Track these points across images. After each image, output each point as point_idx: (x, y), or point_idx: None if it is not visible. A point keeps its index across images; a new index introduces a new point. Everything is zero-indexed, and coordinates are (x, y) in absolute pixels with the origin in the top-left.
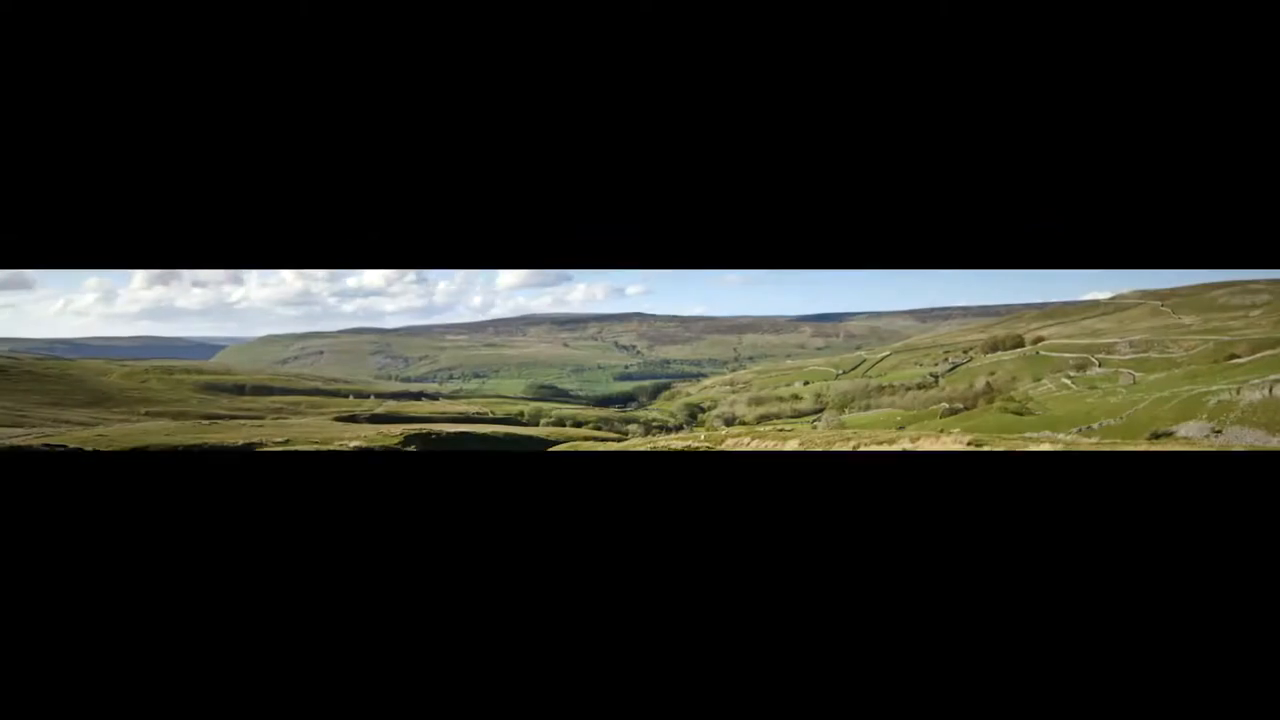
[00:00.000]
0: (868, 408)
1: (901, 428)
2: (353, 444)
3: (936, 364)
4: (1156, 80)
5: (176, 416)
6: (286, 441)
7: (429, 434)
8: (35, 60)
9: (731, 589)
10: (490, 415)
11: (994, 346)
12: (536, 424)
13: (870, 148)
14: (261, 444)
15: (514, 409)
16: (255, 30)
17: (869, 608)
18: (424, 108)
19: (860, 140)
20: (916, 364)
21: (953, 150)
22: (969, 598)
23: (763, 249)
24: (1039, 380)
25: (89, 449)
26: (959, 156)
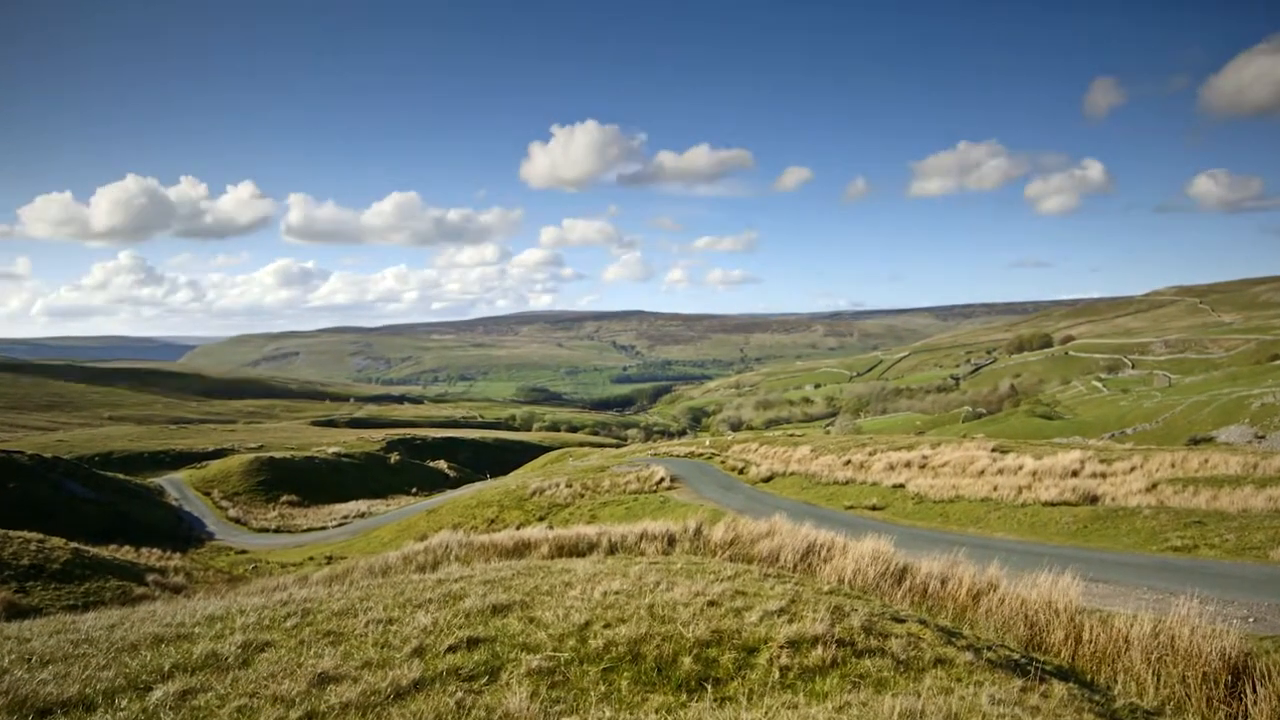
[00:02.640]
0: (884, 411)
1: (921, 433)
2: (331, 449)
3: (958, 365)
4: None
5: (142, 421)
6: (260, 447)
7: (413, 439)
8: None
9: None
10: (480, 419)
11: (1019, 346)
12: (529, 428)
13: None
14: (234, 448)
15: (504, 413)
16: None
17: None
18: None
19: None
20: (937, 365)
21: None
22: None
23: None
24: (1068, 382)
25: (49, 455)
26: None
